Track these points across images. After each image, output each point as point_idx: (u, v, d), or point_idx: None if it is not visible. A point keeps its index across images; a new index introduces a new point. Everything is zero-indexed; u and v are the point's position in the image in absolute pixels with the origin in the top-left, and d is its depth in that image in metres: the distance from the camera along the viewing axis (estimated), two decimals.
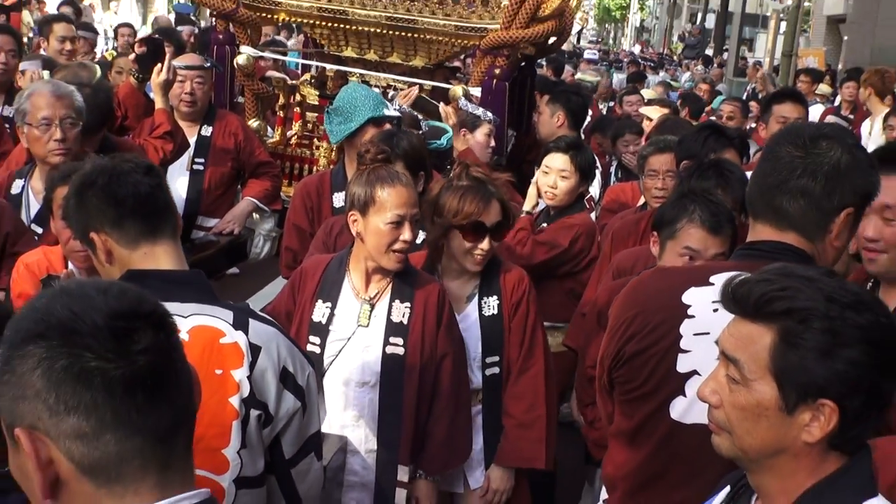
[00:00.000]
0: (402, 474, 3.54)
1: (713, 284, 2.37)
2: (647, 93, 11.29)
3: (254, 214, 6.01)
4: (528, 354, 3.76)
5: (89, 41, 9.70)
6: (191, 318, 2.40)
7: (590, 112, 10.25)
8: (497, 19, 6.00)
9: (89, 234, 2.48)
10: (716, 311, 2.15)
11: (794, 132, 2.44)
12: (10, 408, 1.39)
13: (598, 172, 6.67)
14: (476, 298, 3.78)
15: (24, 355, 1.37)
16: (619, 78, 19.43)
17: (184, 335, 2.01)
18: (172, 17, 15.76)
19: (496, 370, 3.76)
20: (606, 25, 78.66)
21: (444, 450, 3.60)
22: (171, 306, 1.52)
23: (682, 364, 2.45)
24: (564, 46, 27.56)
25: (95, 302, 1.40)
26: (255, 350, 2.44)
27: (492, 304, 3.78)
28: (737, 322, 1.84)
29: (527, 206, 4.94)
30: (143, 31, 18.15)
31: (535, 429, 3.74)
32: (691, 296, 2.46)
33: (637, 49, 44.35)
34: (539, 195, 4.97)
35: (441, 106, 5.71)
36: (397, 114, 4.86)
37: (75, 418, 1.36)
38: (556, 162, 4.89)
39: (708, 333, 2.17)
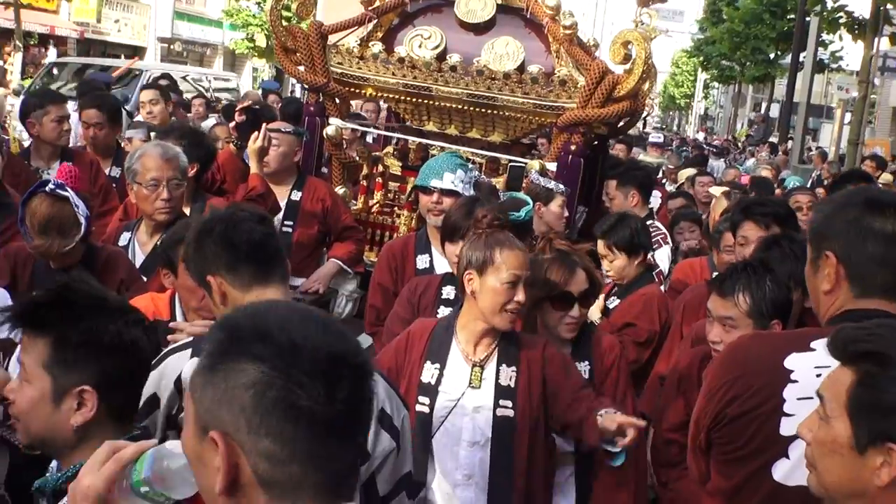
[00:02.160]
0: None
1: (814, 350, 2.44)
2: (716, 190, 11.43)
3: (338, 275, 6.32)
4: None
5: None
6: None
7: (657, 193, 10.52)
8: (574, 98, 6.22)
9: (206, 278, 2.72)
10: (818, 375, 2.19)
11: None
12: (211, 409, 1.49)
13: (668, 246, 6.89)
14: None
15: (239, 370, 1.46)
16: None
17: None
18: (260, 92, 16.50)
19: None
20: (671, 112, 78.88)
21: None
22: None
23: (786, 427, 2.49)
24: (631, 130, 27.71)
25: (317, 338, 1.48)
26: None
27: (584, 370, 3.96)
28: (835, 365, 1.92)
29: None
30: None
31: (625, 490, 3.89)
32: (793, 361, 2.52)
33: (701, 136, 44.51)
34: None
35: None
36: (451, 186, 5.08)
37: (271, 443, 1.45)
38: (600, 247, 5.21)
39: (811, 398, 2.14)
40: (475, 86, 6.48)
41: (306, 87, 7.00)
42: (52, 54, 29.79)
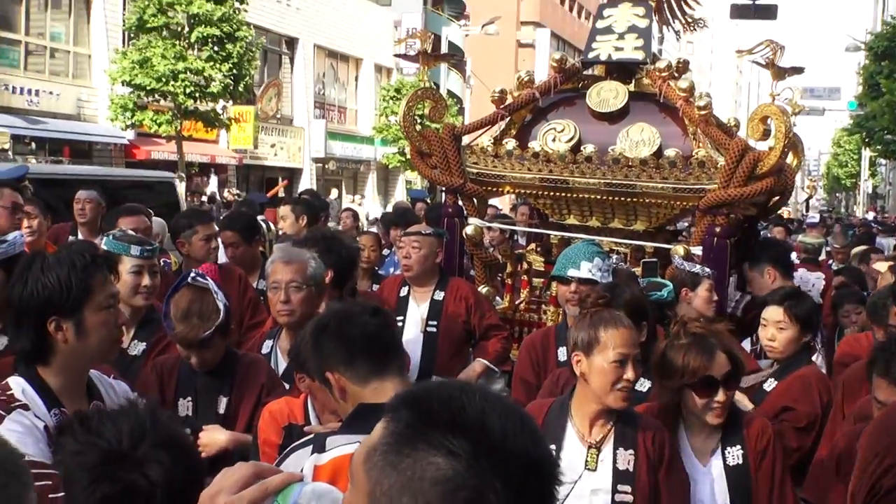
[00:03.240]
0: None
1: None
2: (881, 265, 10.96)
3: (485, 375, 6.24)
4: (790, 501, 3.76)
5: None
6: None
7: (821, 274, 10.11)
8: (714, 179, 6.08)
9: (325, 374, 2.70)
10: None
11: None
12: (390, 495, 1.38)
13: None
14: (720, 450, 3.82)
15: (430, 462, 1.35)
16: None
17: None
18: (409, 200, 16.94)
19: None
20: (837, 194, 76.88)
21: None
22: None
23: None
24: (792, 214, 26.93)
25: (516, 439, 1.38)
26: None
27: (736, 455, 3.80)
28: None
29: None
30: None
31: None
32: None
33: (870, 215, 43.12)
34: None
35: None
36: (588, 275, 5.02)
37: None
38: (772, 314, 4.90)
39: None
40: (612, 174, 6.41)
41: (443, 189, 7.04)
42: (213, 182, 31.13)
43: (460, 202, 6.93)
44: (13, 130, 22.27)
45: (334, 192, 34.70)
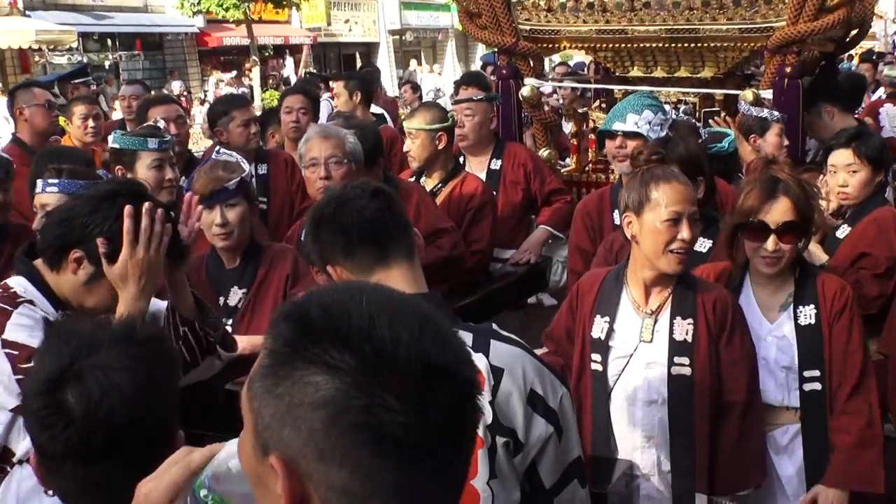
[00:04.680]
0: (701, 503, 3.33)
1: None
2: None
3: (550, 242, 6.01)
4: (863, 369, 3.45)
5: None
6: None
7: None
8: (782, 16, 5.67)
9: (326, 268, 2.47)
10: None
11: None
12: (272, 426, 1.19)
13: None
14: (791, 307, 3.53)
15: (309, 382, 1.15)
16: None
17: None
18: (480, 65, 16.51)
19: (817, 385, 3.48)
20: None
21: (734, 470, 3.36)
22: None
23: None
24: (882, 47, 25.84)
25: (411, 344, 1.16)
26: (497, 373, 2.28)
27: (808, 314, 3.50)
28: None
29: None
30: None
31: (872, 449, 3.42)
32: None
33: None
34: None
35: (715, 118, 5.52)
36: (634, 128, 4.69)
37: (348, 476, 1.16)
38: (841, 158, 4.55)
39: None
40: (673, 20, 6.07)
41: (495, 49, 6.71)
42: (288, 64, 30.92)
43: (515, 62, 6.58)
44: (80, 28, 22.30)
45: (413, 64, 34.20)
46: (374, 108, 8.73)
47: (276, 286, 3.98)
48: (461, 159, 5.96)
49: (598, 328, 3.43)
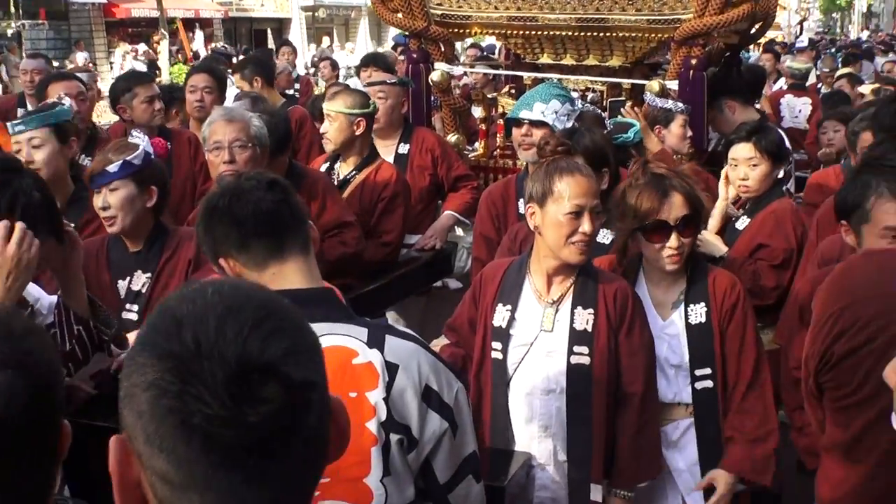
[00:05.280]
0: (596, 493, 3.35)
1: None
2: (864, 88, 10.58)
3: (456, 228, 6.02)
4: (755, 368, 3.47)
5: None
6: (322, 339, 2.27)
7: (808, 100, 9.83)
8: (689, 9, 5.77)
9: (219, 261, 2.40)
10: None
11: None
12: (121, 408, 1.21)
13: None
14: (682, 306, 3.55)
15: (143, 364, 1.18)
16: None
17: None
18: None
19: (709, 383, 3.50)
20: (833, 15, 75.50)
21: (631, 463, 3.40)
22: None
23: None
24: (785, 38, 26.41)
25: (233, 339, 1.16)
26: (391, 369, 2.26)
27: (699, 312, 3.51)
28: None
29: (718, 205, 4.65)
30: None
31: (767, 444, 3.45)
32: None
33: (864, 35, 42.36)
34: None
35: (624, 108, 5.58)
36: (540, 117, 4.71)
37: (165, 462, 1.16)
38: (742, 152, 4.60)
39: None
40: (583, 9, 6.12)
41: (406, 34, 6.69)
42: (198, 38, 30.42)
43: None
44: None
45: (325, 41, 33.91)
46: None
47: (180, 271, 3.90)
48: None
49: (500, 317, 3.43)
